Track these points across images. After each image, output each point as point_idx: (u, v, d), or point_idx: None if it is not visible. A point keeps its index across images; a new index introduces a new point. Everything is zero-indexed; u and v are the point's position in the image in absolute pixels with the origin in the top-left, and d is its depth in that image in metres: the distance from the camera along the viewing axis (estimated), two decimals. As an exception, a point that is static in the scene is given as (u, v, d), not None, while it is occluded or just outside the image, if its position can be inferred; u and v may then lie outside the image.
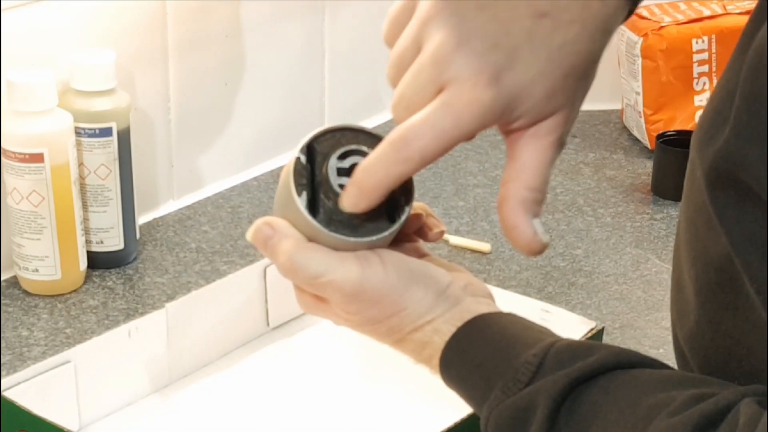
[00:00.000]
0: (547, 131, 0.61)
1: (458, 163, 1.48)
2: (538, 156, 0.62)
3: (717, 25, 1.48)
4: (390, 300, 0.66)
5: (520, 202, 0.62)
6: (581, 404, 0.60)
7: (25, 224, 1.12)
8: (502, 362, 0.64)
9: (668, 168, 1.38)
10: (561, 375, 0.61)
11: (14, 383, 0.90)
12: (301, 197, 0.64)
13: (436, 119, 0.60)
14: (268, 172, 1.43)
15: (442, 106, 0.60)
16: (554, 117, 0.61)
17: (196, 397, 1.02)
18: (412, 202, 0.66)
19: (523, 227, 0.62)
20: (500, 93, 0.59)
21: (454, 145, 0.61)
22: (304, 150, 0.65)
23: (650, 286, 1.20)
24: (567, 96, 0.61)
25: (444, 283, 0.68)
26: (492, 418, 0.63)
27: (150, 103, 1.28)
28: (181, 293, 1.14)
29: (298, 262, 0.65)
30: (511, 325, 0.66)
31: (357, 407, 1.02)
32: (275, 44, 1.40)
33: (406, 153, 0.60)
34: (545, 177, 0.62)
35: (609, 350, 0.62)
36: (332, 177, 0.64)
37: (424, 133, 0.60)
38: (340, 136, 0.66)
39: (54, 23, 1.16)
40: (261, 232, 0.66)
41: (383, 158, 0.61)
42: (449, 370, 0.67)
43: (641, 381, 0.60)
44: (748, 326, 0.59)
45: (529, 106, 0.60)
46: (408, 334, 0.67)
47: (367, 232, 0.65)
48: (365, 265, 0.65)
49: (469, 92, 0.59)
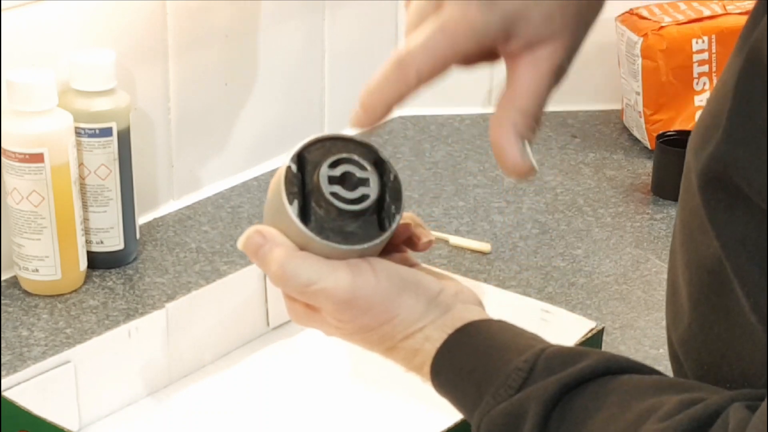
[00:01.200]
0: (545, 57, 0.62)
1: (458, 163, 1.48)
2: (534, 82, 0.63)
3: (717, 25, 1.48)
4: (382, 308, 0.66)
5: (511, 125, 0.63)
6: (572, 410, 0.60)
7: (25, 224, 1.12)
8: (493, 369, 0.64)
9: (668, 168, 1.38)
10: (551, 381, 0.61)
11: (14, 383, 0.90)
12: (292, 205, 0.64)
13: (430, 40, 0.62)
14: (268, 172, 1.43)
15: (436, 27, 0.62)
16: (552, 43, 0.62)
17: (196, 397, 1.02)
18: (402, 210, 0.67)
19: (511, 149, 0.63)
20: (494, 12, 0.61)
21: (450, 63, 0.63)
22: (294, 159, 0.65)
23: (650, 286, 1.20)
24: (565, 21, 0.62)
25: (435, 290, 0.68)
26: (483, 424, 0.63)
27: (150, 103, 1.28)
28: (181, 293, 1.14)
29: (289, 271, 0.65)
30: (501, 332, 0.66)
31: (356, 408, 1.02)
32: (275, 44, 1.40)
33: (404, 73, 0.63)
34: (540, 103, 0.63)
35: (599, 356, 0.62)
36: (324, 185, 0.64)
37: (420, 54, 0.62)
38: (331, 145, 0.66)
39: (54, 23, 1.16)
40: (252, 240, 0.66)
41: (384, 79, 0.63)
42: (440, 377, 0.67)
43: (631, 386, 0.60)
44: (739, 330, 0.59)
45: (525, 28, 0.61)
46: (399, 342, 0.67)
47: (359, 239, 0.65)
48: (357, 273, 0.65)
49: (463, 13, 0.61)
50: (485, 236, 1.29)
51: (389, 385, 1.03)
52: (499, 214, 1.34)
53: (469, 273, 1.21)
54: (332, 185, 0.65)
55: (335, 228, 0.65)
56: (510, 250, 1.26)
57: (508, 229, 1.31)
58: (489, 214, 1.34)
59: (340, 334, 0.69)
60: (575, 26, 0.62)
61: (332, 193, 0.64)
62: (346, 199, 0.64)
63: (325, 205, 0.64)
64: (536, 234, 1.30)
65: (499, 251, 1.26)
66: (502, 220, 1.33)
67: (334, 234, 0.65)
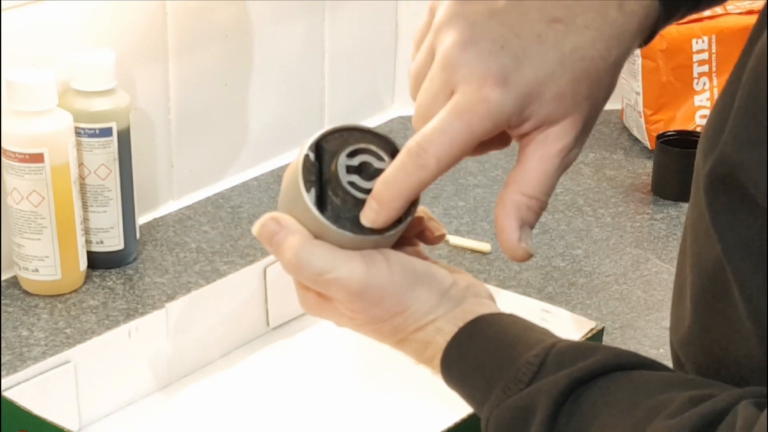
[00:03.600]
0: (555, 138, 0.61)
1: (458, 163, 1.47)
2: (542, 163, 0.62)
3: (717, 25, 1.48)
4: (394, 299, 0.66)
5: (513, 206, 0.63)
6: (581, 405, 0.60)
7: (25, 224, 1.12)
8: (504, 362, 0.64)
9: (668, 168, 1.38)
10: (561, 375, 0.61)
11: (14, 383, 0.90)
12: (309, 193, 0.65)
13: (447, 124, 0.61)
14: (268, 172, 1.43)
15: (451, 110, 0.61)
16: (563, 123, 0.61)
17: (196, 397, 1.02)
18: (418, 202, 0.67)
19: (509, 231, 0.63)
20: (508, 93, 0.60)
21: (469, 148, 0.62)
22: (312, 147, 0.65)
23: (650, 286, 1.20)
24: (577, 102, 0.61)
25: (447, 283, 0.68)
26: (492, 418, 0.63)
27: (150, 103, 1.28)
28: (181, 293, 1.14)
29: (303, 259, 0.65)
30: (512, 326, 0.66)
31: (357, 407, 1.02)
32: (275, 44, 1.40)
33: (422, 161, 0.62)
34: (545, 186, 0.62)
35: (609, 351, 0.62)
36: (342, 174, 0.65)
37: (437, 139, 0.61)
38: (348, 136, 0.66)
39: (54, 23, 1.16)
40: (267, 227, 0.66)
41: (401, 168, 0.62)
42: (450, 370, 0.67)
43: (641, 382, 0.60)
44: (736, 336, 0.59)
45: (537, 108, 0.60)
46: (410, 334, 0.67)
47: (374, 230, 0.65)
48: (370, 263, 0.65)
49: (477, 93, 0.60)
50: (485, 236, 1.29)
51: (390, 385, 1.03)
52: (499, 214, 1.34)
53: (469, 273, 1.20)
54: (350, 174, 0.65)
55: (351, 217, 0.65)
56: (510, 250, 1.26)
57: (508, 229, 1.31)
58: (489, 214, 1.34)
59: (351, 325, 0.69)
60: (587, 106, 0.61)
61: (350, 182, 0.64)
62: (363, 189, 0.65)
63: (342, 194, 0.65)
64: (536, 234, 1.30)
65: (499, 251, 1.26)
66: (502, 220, 1.32)
67: (350, 223, 0.65)
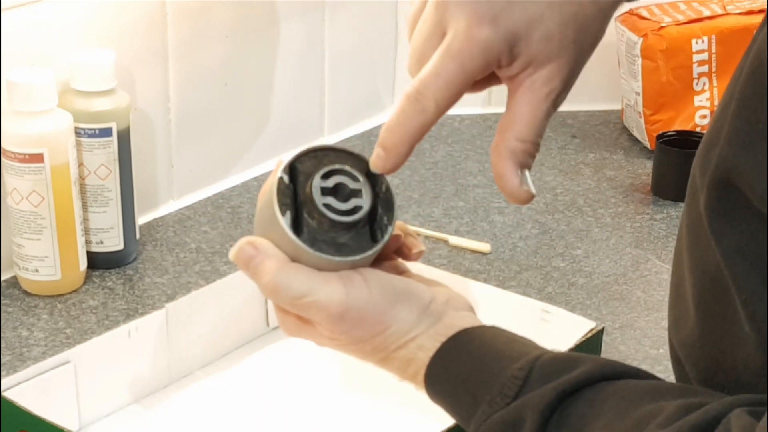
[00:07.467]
0: (543, 82, 0.62)
1: (458, 163, 1.48)
2: (531, 108, 0.63)
3: (717, 25, 1.48)
4: (375, 319, 0.66)
5: (509, 152, 0.63)
6: (569, 417, 0.60)
7: (25, 224, 1.12)
8: (488, 377, 0.64)
9: (668, 168, 1.38)
10: (548, 388, 0.61)
11: (14, 383, 0.90)
12: (285, 216, 0.64)
13: (441, 66, 0.62)
14: (268, 172, 1.42)
15: (444, 52, 0.62)
16: (550, 67, 0.62)
17: (196, 397, 1.02)
18: (394, 221, 0.67)
19: (510, 176, 0.63)
20: (497, 32, 0.61)
21: (465, 87, 0.62)
22: (286, 170, 0.65)
23: (650, 286, 1.20)
24: (564, 45, 0.62)
25: (426, 299, 0.68)
26: None
27: (150, 103, 1.28)
28: (181, 293, 1.14)
29: (281, 283, 0.65)
30: (495, 339, 0.66)
31: (355, 408, 1.02)
32: (275, 44, 1.40)
33: (421, 105, 0.63)
34: (537, 129, 0.63)
35: (594, 362, 0.62)
36: (317, 196, 0.64)
37: (434, 82, 0.62)
38: (323, 156, 0.66)
39: (54, 23, 1.16)
40: (244, 252, 0.66)
41: (402, 114, 0.63)
42: (434, 386, 0.67)
43: (628, 392, 0.60)
44: (734, 339, 0.59)
45: (525, 47, 0.61)
46: (393, 352, 0.67)
47: (351, 251, 0.65)
48: (349, 284, 0.65)
49: (467, 32, 0.61)
50: (485, 236, 1.29)
51: (388, 387, 1.03)
52: (499, 214, 1.34)
53: (469, 273, 1.21)
54: (325, 196, 0.64)
55: (328, 239, 0.64)
56: (510, 250, 1.26)
57: (508, 229, 1.31)
58: (489, 214, 1.34)
59: (332, 345, 0.69)
60: (574, 50, 0.62)
61: (325, 205, 0.64)
62: (338, 211, 0.64)
63: (317, 217, 0.64)
64: (536, 234, 1.30)
65: (499, 251, 1.26)
66: (502, 220, 1.33)
67: (326, 245, 0.64)
